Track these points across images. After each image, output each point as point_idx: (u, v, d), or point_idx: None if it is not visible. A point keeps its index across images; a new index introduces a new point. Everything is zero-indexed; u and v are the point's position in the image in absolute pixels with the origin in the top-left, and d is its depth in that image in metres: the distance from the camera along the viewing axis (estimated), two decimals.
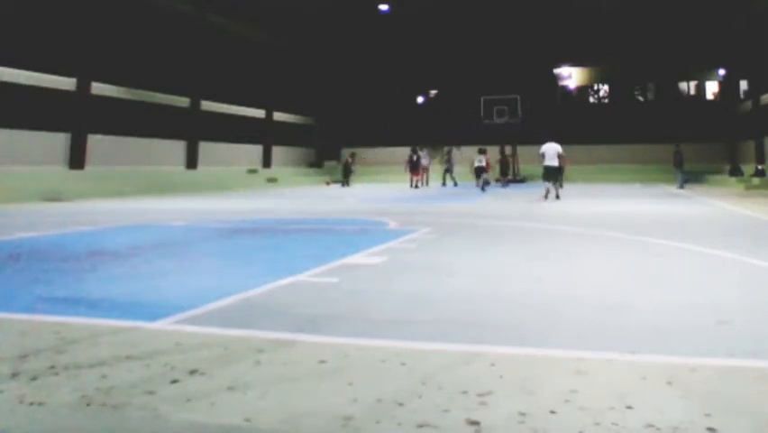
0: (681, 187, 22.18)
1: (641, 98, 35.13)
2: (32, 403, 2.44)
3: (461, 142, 33.76)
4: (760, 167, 25.36)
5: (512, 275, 5.39)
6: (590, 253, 6.64)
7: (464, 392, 2.51)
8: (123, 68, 21.87)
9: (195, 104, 25.84)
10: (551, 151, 16.21)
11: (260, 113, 30.81)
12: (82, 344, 3.27)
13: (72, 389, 2.59)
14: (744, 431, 2.17)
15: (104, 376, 2.74)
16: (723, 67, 32.97)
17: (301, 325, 3.63)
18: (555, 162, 16.09)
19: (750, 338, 3.30)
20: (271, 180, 28.60)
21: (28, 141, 18.37)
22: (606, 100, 35.85)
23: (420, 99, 37.54)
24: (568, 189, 21.15)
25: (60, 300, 4.38)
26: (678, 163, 23.00)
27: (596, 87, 36.01)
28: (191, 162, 25.73)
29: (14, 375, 2.77)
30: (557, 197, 15.94)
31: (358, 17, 29.05)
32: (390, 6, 27.44)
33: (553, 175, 16.26)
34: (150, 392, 2.54)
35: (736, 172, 27.34)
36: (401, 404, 2.40)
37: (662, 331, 3.47)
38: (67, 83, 19.79)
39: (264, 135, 31.17)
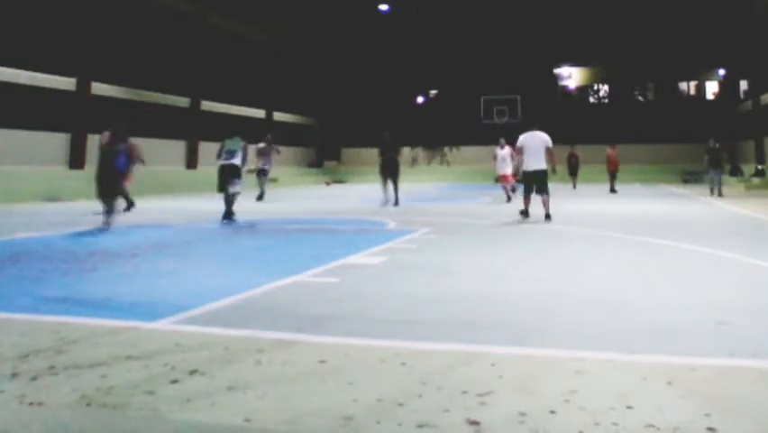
0: (720, 193, 17.28)
1: (641, 98, 35.13)
2: (32, 403, 2.44)
3: (461, 142, 33.73)
4: (760, 167, 25.36)
5: (512, 275, 5.39)
6: (590, 253, 6.64)
7: (464, 392, 2.51)
8: (123, 68, 21.85)
9: (195, 104, 25.82)
10: (536, 144, 10.21)
11: (260, 113, 30.79)
12: (82, 344, 3.27)
13: (72, 389, 2.59)
14: (744, 431, 2.17)
15: (104, 376, 2.74)
16: (723, 67, 32.97)
17: (301, 325, 3.63)
18: (543, 164, 10.13)
19: (750, 338, 3.30)
20: (271, 180, 28.56)
21: (28, 141, 18.35)
22: (606, 100, 35.84)
23: (420, 99, 37.54)
24: (566, 189, 21.12)
25: (60, 300, 4.38)
26: (715, 163, 17.94)
27: (596, 87, 35.99)
28: (191, 162, 25.71)
29: (14, 375, 2.77)
30: (547, 216, 10.01)
31: (358, 17, 29.04)
32: (390, 6, 27.43)
33: (542, 183, 10.14)
34: (150, 392, 2.54)
35: (735, 172, 27.34)
36: (401, 404, 2.40)
37: (662, 331, 3.47)
38: (67, 83, 19.77)
39: (264, 135, 31.14)
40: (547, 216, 10.02)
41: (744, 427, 2.20)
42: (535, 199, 10.33)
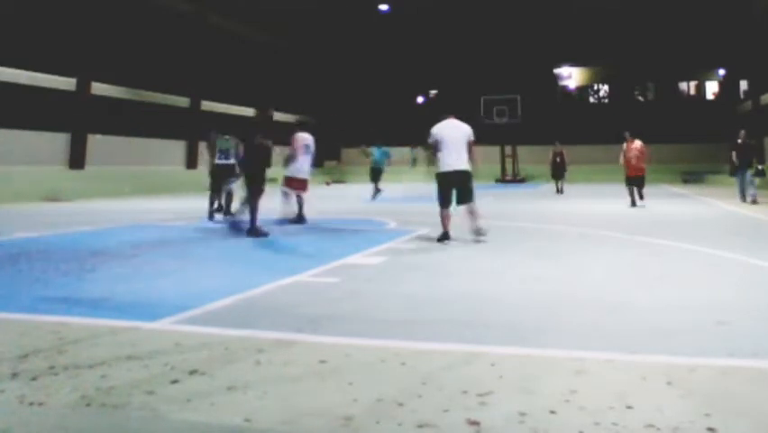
0: (755, 199, 13.78)
1: (641, 98, 35.14)
2: (32, 403, 2.44)
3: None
4: (760, 167, 25.30)
5: (512, 275, 5.39)
6: (590, 253, 6.64)
7: (464, 392, 2.51)
8: (123, 68, 21.85)
9: (195, 104, 25.83)
10: (456, 137, 7.47)
11: None
12: (82, 344, 3.27)
13: (72, 389, 2.59)
14: (744, 431, 2.17)
15: (104, 376, 2.74)
16: (723, 67, 32.98)
17: (301, 325, 3.63)
18: (463, 163, 7.45)
19: (750, 338, 3.30)
20: (272, 180, 28.59)
21: (28, 141, 18.35)
22: (606, 100, 35.85)
23: (420, 99, 37.52)
24: (567, 189, 21.09)
25: (60, 300, 4.38)
26: (747, 161, 14.44)
27: (596, 87, 36.02)
28: (191, 162, 25.72)
29: (14, 375, 2.77)
30: (478, 232, 7.49)
31: (358, 17, 29.04)
32: (390, 6, 27.43)
33: (464, 188, 7.51)
34: (150, 392, 2.54)
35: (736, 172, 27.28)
36: (401, 404, 2.40)
37: (662, 331, 3.47)
38: (67, 83, 19.77)
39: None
40: (479, 232, 7.39)
41: (744, 427, 2.20)
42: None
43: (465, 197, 7.53)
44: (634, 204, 13.13)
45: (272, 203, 10.14)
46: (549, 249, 6.98)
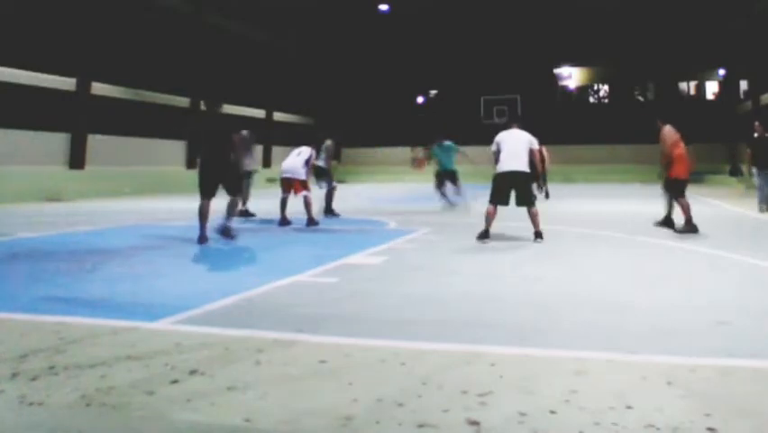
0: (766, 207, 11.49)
1: (641, 98, 35.13)
2: (31, 403, 2.44)
3: (461, 142, 33.67)
4: None
5: (512, 275, 5.39)
6: (590, 253, 6.64)
7: (464, 392, 2.51)
8: (123, 68, 21.84)
9: (195, 104, 25.81)
10: (517, 142, 7.88)
11: (260, 113, 30.78)
12: (82, 344, 3.27)
13: (72, 389, 2.59)
14: (744, 431, 2.17)
15: (104, 376, 2.74)
16: (723, 67, 32.97)
17: (301, 325, 3.63)
18: (522, 165, 7.65)
19: (749, 338, 3.30)
20: (271, 180, 28.54)
21: (28, 141, 18.34)
22: (606, 100, 35.84)
23: (420, 99, 37.52)
24: (567, 190, 21.12)
25: (60, 300, 4.38)
26: (764, 161, 11.70)
27: (596, 87, 35.99)
28: (191, 162, 25.69)
29: (14, 375, 2.77)
30: (537, 235, 7.55)
31: (358, 17, 29.04)
32: (390, 6, 27.43)
33: (521, 190, 7.67)
34: (150, 392, 2.54)
35: (735, 172, 27.29)
36: (401, 404, 2.40)
37: (662, 331, 3.47)
38: (67, 83, 19.76)
39: (264, 135, 31.15)
40: (537, 235, 7.59)
41: (744, 427, 2.20)
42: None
43: (523, 199, 7.73)
44: (694, 226, 8.32)
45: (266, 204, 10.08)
46: (549, 249, 6.98)
